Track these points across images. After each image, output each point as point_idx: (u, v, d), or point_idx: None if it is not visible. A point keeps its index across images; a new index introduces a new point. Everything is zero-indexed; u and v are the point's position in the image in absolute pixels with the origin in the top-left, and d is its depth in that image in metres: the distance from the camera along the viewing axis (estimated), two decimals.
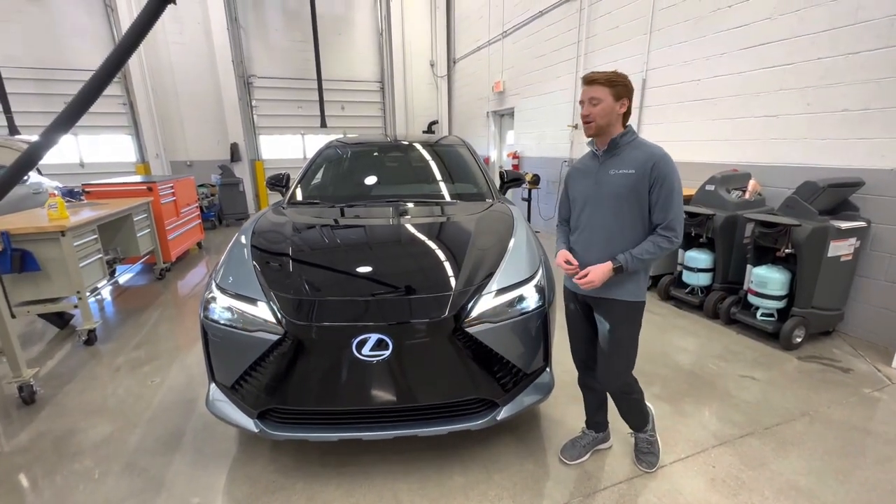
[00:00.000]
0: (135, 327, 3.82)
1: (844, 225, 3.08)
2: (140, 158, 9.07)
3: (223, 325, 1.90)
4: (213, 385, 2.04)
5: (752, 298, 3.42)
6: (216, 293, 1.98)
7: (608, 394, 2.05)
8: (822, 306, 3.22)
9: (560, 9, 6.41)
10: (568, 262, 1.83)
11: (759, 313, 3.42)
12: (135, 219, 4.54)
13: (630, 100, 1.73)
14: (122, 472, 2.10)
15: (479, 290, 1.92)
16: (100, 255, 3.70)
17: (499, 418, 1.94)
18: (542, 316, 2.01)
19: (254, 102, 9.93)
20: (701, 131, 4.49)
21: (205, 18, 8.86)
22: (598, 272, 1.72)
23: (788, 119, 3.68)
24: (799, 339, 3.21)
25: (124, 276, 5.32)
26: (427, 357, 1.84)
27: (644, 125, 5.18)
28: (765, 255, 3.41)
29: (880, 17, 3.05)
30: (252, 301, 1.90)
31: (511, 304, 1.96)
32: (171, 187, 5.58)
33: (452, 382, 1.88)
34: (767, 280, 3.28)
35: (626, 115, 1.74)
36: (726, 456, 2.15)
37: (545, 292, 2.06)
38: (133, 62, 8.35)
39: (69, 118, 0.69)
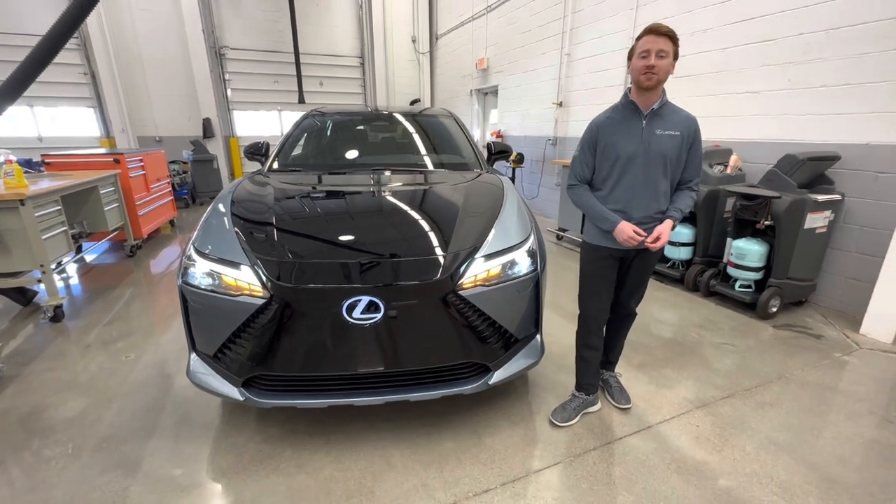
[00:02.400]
0: (105, 304, 3.64)
1: (821, 198, 3.17)
2: (105, 133, 8.57)
3: (204, 290, 1.81)
4: (193, 355, 1.95)
5: (731, 270, 3.51)
6: (196, 258, 1.88)
7: (622, 321, 2.24)
8: (797, 277, 3.33)
9: None
10: (636, 233, 1.83)
11: (737, 285, 3.52)
12: (101, 191, 4.29)
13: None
14: (97, 446, 2.01)
15: (471, 254, 1.89)
16: (64, 228, 3.49)
17: (491, 382, 1.93)
18: (535, 281, 2.00)
19: (227, 76, 9.48)
20: (684, 107, 4.50)
21: None
22: (667, 233, 1.86)
23: (770, 95, 3.73)
24: (774, 309, 3.33)
25: (92, 254, 5.05)
26: (419, 320, 1.80)
27: None
28: (744, 229, 3.49)
29: None
30: (235, 265, 1.81)
31: (503, 268, 1.93)
32: (141, 161, 5.29)
33: (444, 346, 1.85)
34: (746, 252, 3.37)
35: None
36: (709, 416, 2.22)
37: (537, 257, 2.04)
38: (94, 29, 7.81)
39: (18, 85, 0.60)
